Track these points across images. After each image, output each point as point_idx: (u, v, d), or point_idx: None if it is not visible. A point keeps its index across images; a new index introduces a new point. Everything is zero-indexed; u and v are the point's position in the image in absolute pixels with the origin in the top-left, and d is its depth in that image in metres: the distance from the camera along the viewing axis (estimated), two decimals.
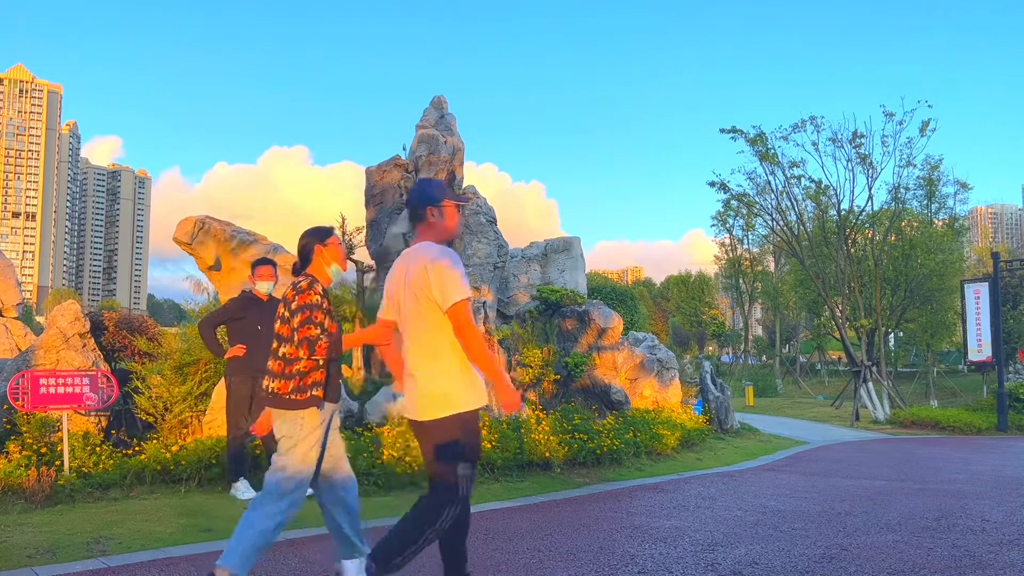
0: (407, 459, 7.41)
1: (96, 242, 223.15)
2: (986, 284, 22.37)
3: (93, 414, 7.57)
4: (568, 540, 5.34)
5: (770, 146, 24.70)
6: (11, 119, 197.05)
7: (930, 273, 26.69)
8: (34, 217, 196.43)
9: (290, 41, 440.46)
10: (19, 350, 9.99)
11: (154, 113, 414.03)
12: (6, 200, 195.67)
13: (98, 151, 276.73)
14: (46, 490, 5.95)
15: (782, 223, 26.07)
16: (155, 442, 7.14)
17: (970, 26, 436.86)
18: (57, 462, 6.41)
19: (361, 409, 8.74)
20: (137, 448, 6.94)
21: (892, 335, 32.50)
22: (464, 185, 13.32)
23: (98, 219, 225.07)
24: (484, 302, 10.92)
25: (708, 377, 14.97)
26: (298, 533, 5.37)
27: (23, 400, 6.57)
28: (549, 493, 7.41)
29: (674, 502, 7.13)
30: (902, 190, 25.58)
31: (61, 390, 6.69)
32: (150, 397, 7.79)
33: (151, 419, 7.79)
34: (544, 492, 7.45)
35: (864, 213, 25.69)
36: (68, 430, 6.65)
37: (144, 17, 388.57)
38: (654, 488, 8.01)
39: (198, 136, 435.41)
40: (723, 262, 58.15)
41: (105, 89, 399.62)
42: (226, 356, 6.76)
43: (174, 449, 6.82)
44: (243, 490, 6.52)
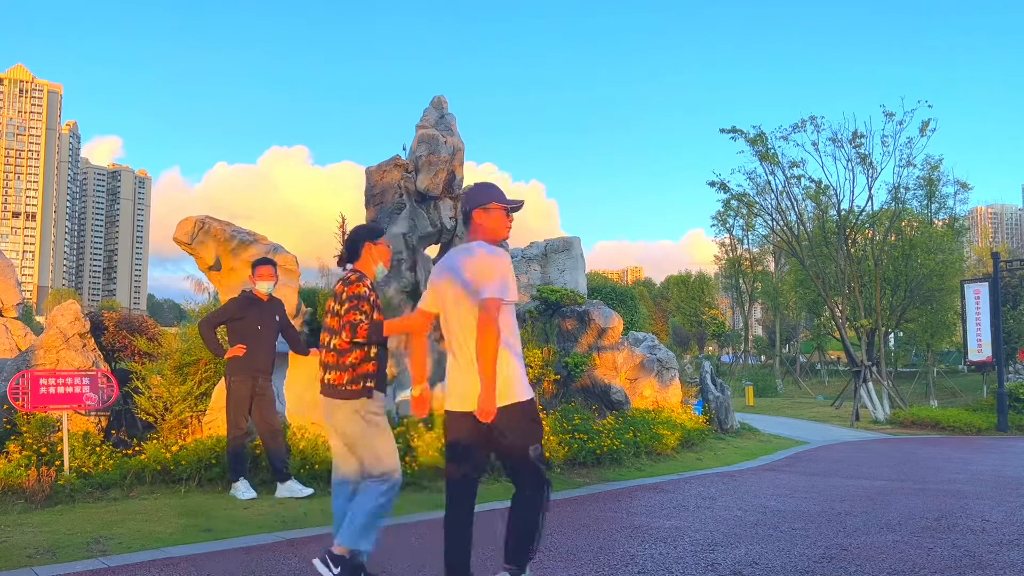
0: (407, 459, 7.41)
1: (96, 242, 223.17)
2: (986, 284, 22.38)
3: (93, 414, 7.56)
4: (568, 540, 5.33)
5: (770, 146, 24.71)
6: (11, 119, 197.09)
7: (930, 273, 26.68)
8: (34, 217, 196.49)
9: (290, 41, 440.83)
10: (19, 350, 9.99)
11: (154, 113, 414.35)
12: (6, 200, 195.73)
13: (98, 151, 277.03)
14: (46, 490, 5.95)
15: (782, 223, 26.08)
16: (155, 442, 7.14)
17: (970, 26, 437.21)
18: (57, 462, 6.41)
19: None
20: (137, 448, 6.94)
21: (892, 335, 32.50)
22: (464, 185, 13.31)
23: (98, 219, 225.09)
24: None
25: (708, 377, 14.97)
26: (298, 533, 5.37)
27: (23, 400, 6.57)
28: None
29: (674, 502, 7.13)
30: (902, 190, 25.60)
31: (61, 390, 6.69)
32: (150, 397, 7.79)
33: (151, 419, 7.79)
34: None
35: (864, 213, 25.70)
36: (68, 430, 6.65)
37: (144, 17, 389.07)
38: (654, 488, 8.01)
39: (198, 136, 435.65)
40: (723, 262, 58.19)
41: (105, 89, 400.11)
42: (226, 356, 6.76)
43: (174, 449, 6.82)
44: (243, 490, 6.50)
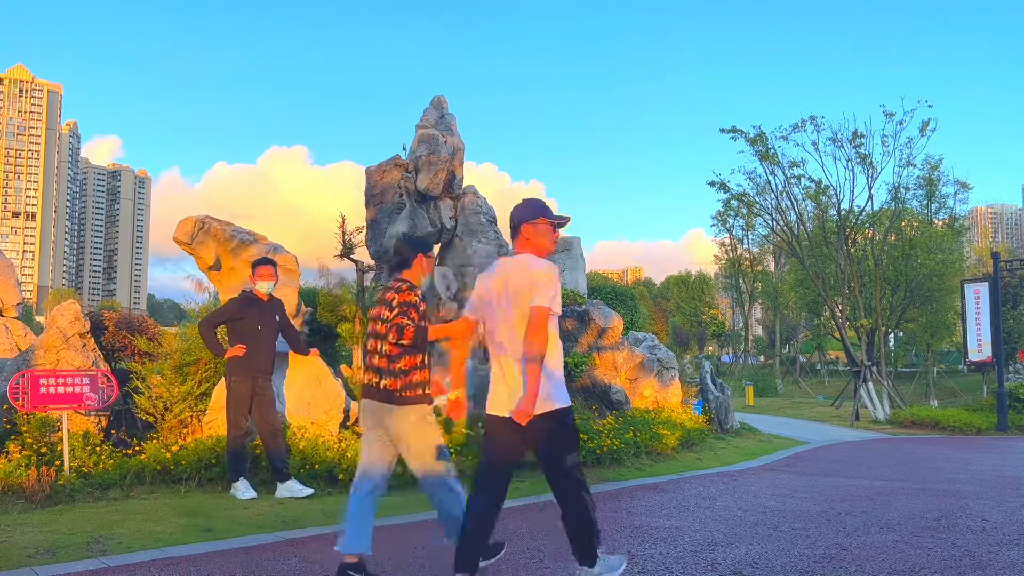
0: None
1: (96, 242, 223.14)
2: (986, 284, 22.37)
3: (93, 414, 7.57)
4: (568, 540, 5.32)
5: (770, 146, 24.70)
6: (11, 119, 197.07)
7: (930, 273, 26.67)
8: (34, 217, 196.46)
9: (289, 41, 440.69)
10: (19, 350, 9.99)
11: (154, 113, 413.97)
12: (6, 200, 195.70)
13: (98, 151, 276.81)
14: (46, 490, 5.95)
15: (782, 223, 26.07)
16: (155, 442, 7.15)
17: (970, 26, 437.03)
18: (57, 462, 6.41)
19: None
20: (137, 448, 6.94)
21: (892, 335, 32.50)
22: (464, 185, 13.30)
23: (98, 219, 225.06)
24: None
25: (708, 377, 14.97)
26: (298, 533, 5.37)
27: (23, 400, 6.57)
28: (549, 493, 7.38)
29: (674, 502, 7.13)
30: (902, 190, 25.59)
31: (61, 390, 6.69)
32: (150, 397, 7.79)
33: (151, 419, 7.79)
34: (544, 492, 7.41)
35: (864, 213, 25.68)
36: (68, 430, 6.65)
37: (144, 18, 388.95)
38: (654, 488, 8.01)
39: (198, 136, 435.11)
40: (723, 262, 58.22)
41: (105, 89, 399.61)
42: (226, 356, 6.76)
43: (174, 449, 6.82)
44: (243, 490, 6.50)
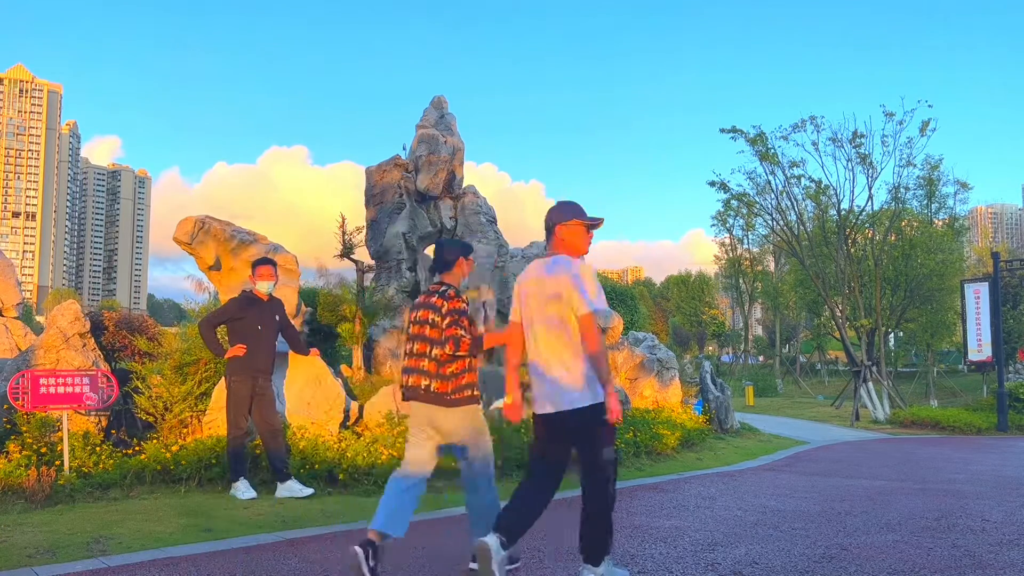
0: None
1: (96, 242, 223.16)
2: (986, 284, 22.38)
3: (93, 414, 7.56)
4: (568, 540, 5.32)
5: (770, 146, 24.72)
6: (11, 119, 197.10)
7: (930, 273, 26.67)
8: (34, 217, 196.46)
9: (289, 41, 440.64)
10: (19, 350, 9.99)
11: (154, 113, 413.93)
12: (6, 200, 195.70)
13: (98, 151, 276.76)
14: (46, 490, 5.95)
15: (782, 223, 26.09)
16: (155, 442, 7.14)
17: (970, 26, 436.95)
18: (57, 462, 6.41)
19: (361, 409, 8.73)
20: (137, 448, 6.94)
21: (892, 335, 32.50)
22: (464, 185, 13.30)
23: (98, 219, 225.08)
24: (485, 301, 10.92)
25: (708, 377, 14.97)
26: (298, 533, 5.37)
27: (23, 400, 6.57)
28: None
29: (674, 502, 7.13)
30: (902, 190, 25.61)
31: (61, 390, 6.69)
32: (150, 397, 7.79)
33: (151, 419, 7.79)
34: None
35: (864, 213, 25.70)
36: (68, 430, 6.65)
37: (144, 18, 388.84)
38: (654, 488, 8.01)
39: (198, 136, 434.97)
40: (723, 262, 58.26)
41: (105, 89, 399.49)
42: (226, 356, 6.76)
43: (174, 449, 6.82)
44: (243, 490, 6.50)
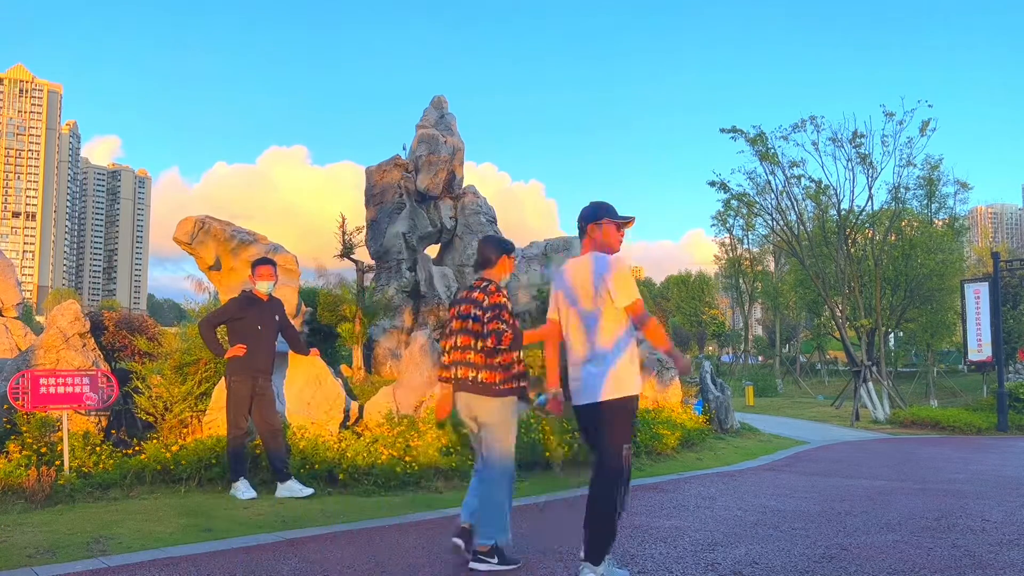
0: (407, 459, 7.41)
1: (96, 242, 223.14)
2: (986, 284, 22.38)
3: (93, 414, 7.56)
4: (568, 540, 5.33)
5: (770, 146, 24.72)
6: (11, 119, 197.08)
7: (930, 273, 26.68)
8: (34, 217, 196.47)
9: (289, 41, 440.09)
10: (19, 350, 9.99)
11: (154, 113, 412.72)
12: (6, 200, 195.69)
13: (98, 151, 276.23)
14: (46, 490, 5.95)
15: (782, 223, 26.09)
16: (155, 442, 7.14)
17: (970, 26, 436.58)
18: (57, 462, 6.41)
19: (361, 409, 8.73)
20: (137, 448, 6.94)
21: (892, 335, 32.50)
22: (464, 185, 13.29)
23: (98, 219, 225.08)
24: None
25: (708, 377, 14.97)
26: (298, 533, 5.37)
27: (23, 400, 6.57)
28: (549, 493, 7.41)
29: (674, 502, 7.13)
30: (902, 190, 25.61)
31: (61, 390, 6.69)
32: (150, 397, 7.79)
33: (151, 419, 7.79)
34: (544, 492, 7.44)
35: (864, 213, 25.70)
36: (68, 430, 6.65)
37: (144, 18, 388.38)
38: (654, 488, 8.01)
39: (197, 136, 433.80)
40: (723, 262, 58.27)
41: (105, 89, 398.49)
42: (226, 356, 6.76)
43: (174, 449, 6.82)
44: (243, 490, 6.50)
